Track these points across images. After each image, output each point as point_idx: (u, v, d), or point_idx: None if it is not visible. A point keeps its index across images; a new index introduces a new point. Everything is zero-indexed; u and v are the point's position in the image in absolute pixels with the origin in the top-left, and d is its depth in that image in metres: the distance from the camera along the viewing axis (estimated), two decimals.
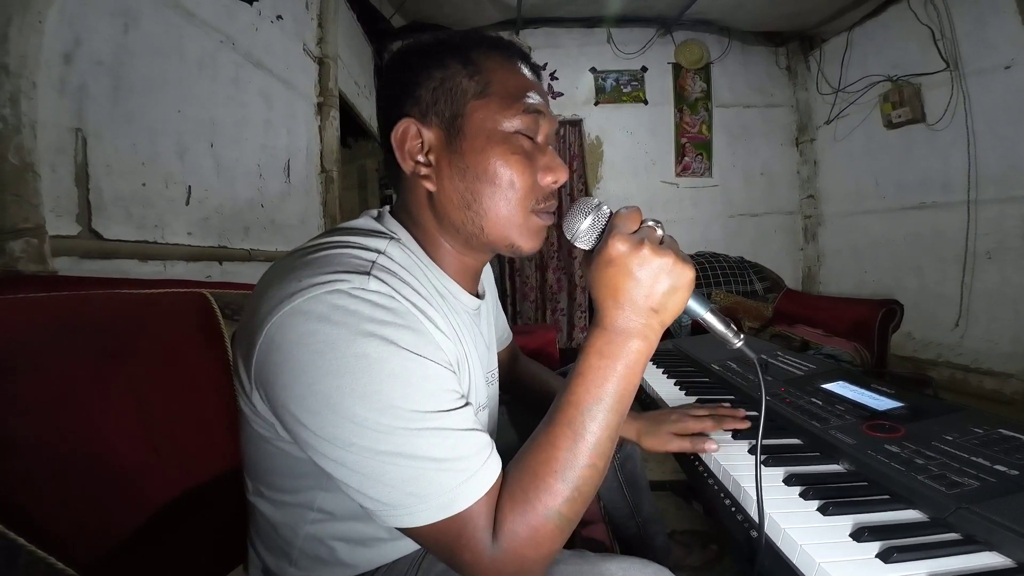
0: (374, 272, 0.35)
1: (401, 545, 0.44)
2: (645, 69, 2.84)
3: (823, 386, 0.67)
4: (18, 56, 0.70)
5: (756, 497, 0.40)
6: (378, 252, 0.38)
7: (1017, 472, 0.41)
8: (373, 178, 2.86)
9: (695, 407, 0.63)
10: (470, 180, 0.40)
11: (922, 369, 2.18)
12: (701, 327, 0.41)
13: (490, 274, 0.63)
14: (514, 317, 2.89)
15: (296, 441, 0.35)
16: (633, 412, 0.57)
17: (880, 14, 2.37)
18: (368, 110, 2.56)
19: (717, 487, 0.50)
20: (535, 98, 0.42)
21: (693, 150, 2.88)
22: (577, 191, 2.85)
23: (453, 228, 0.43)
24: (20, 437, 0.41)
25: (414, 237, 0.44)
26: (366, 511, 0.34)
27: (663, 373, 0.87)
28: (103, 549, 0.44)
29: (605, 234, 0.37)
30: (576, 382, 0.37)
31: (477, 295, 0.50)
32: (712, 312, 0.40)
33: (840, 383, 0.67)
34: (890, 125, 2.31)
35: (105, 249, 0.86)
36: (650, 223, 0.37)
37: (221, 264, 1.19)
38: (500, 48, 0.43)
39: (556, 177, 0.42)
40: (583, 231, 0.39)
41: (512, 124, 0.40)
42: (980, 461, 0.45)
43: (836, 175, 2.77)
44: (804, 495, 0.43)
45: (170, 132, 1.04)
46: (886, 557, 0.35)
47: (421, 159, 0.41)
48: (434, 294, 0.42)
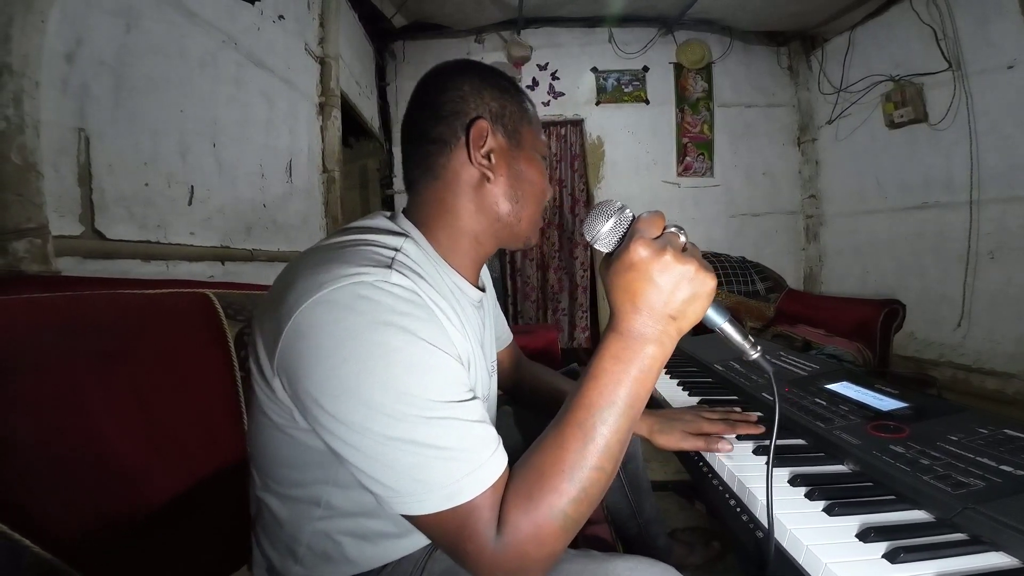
0: (395, 267, 0.38)
1: (406, 543, 0.44)
2: (646, 69, 2.84)
3: (827, 386, 0.67)
4: (20, 56, 0.70)
5: (766, 502, 0.40)
6: (396, 249, 0.41)
7: (1023, 472, 0.41)
8: (374, 178, 2.86)
9: (707, 410, 0.63)
10: (520, 181, 0.49)
11: (924, 369, 2.18)
12: (704, 327, 0.41)
13: (488, 274, 0.64)
14: (515, 317, 2.89)
15: (313, 426, 0.36)
16: (645, 409, 0.59)
17: (882, 14, 2.36)
18: (369, 110, 2.56)
19: (722, 488, 0.49)
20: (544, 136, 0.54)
21: (695, 150, 2.88)
22: (578, 191, 2.85)
23: (493, 215, 0.48)
24: (22, 437, 0.41)
25: (427, 234, 0.47)
26: (375, 497, 0.35)
27: (666, 373, 0.87)
28: (106, 549, 0.44)
29: (626, 238, 0.38)
30: (589, 384, 0.37)
31: (479, 287, 0.52)
32: (730, 322, 0.40)
33: (844, 383, 0.67)
34: (892, 125, 2.31)
35: (108, 249, 0.86)
36: (672, 229, 0.38)
37: (224, 264, 1.19)
38: (528, 95, 0.54)
39: (550, 195, 0.56)
40: (604, 233, 0.40)
41: (541, 149, 0.52)
42: (985, 461, 0.45)
43: (838, 175, 2.77)
44: (810, 495, 0.43)
45: (172, 132, 1.04)
46: (893, 557, 0.35)
47: (481, 155, 0.47)
48: (444, 291, 0.44)
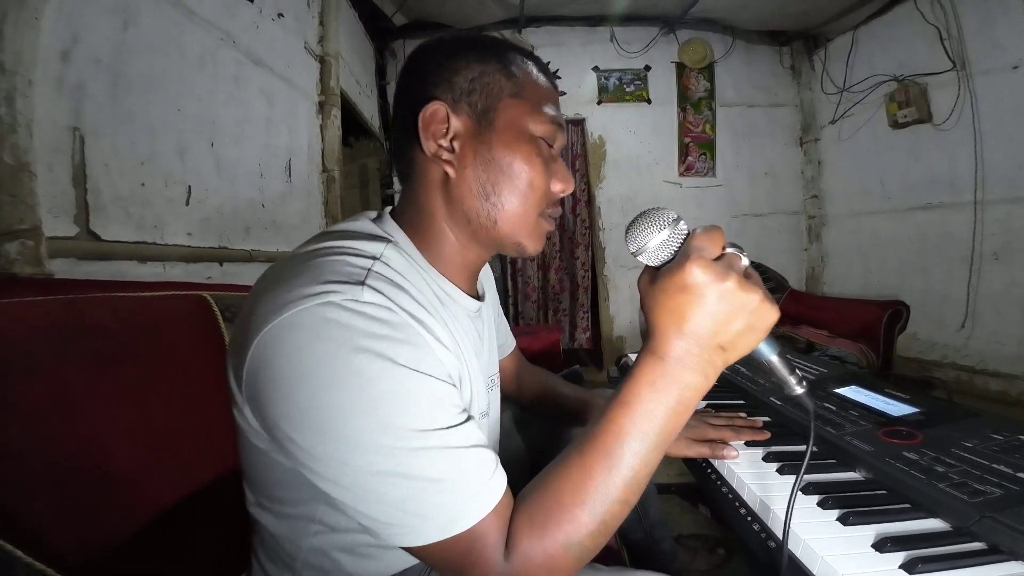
0: (369, 281, 0.34)
1: (407, 556, 0.43)
2: (648, 68, 2.82)
3: (836, 391, 0.65)
4: (14, 53, 0.69)
5: (784, 520, 0.38)
6: (374, 258, 0.37)
7: None
8: (374, 177, 2.85)
9: (712, 415, 0.62)
10: (493, 172, 0.41)
11: (927, 370, 2.16)
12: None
13: (491, 277, 0.62)
14: (516, 318, 2.87)
15: (289, 460, 0.34)
16: None
17: (886, 13, 2.35)
18: (369, 109, 2.55)
19: (731, 495, 0.48)
20: (556, 110, 0.44)
21: (696, 150, 2.86)
22: (579, 191, 2.84)
23: (464, 218, 0.42)
24: (14, 443, 0.40)
25: (413, 237, 0.43)
26: (366, 530, 0.33)
27: None
28: (101, 558, 0.43)
29: (680, 255, 0.33)
30: (620, 411, 0.34)
31: (476, 296, 0.48)
32: (780, 355, 0.36)
33: (853, 387, 0.66)
34: (896, 125, 2.30)
35: (103, 250, 0.84)
36: (731, 250, 0.34)
37: (222, 265, 1.18)
38: (535, 60, 0.45)
39: (565, 187, 0.44)
40: (654, 247, 0.35)
41: (538, 128, 0.42)
42: (1002, 468, 0.43)
43: (841, 175, 2.75)
44: (823, 504, 0.42)
45: (170, 131, 1.03)
46: (911, 568, 0.34)
47: (444, 143, 0.41)
48: (432, 300, 0.40)
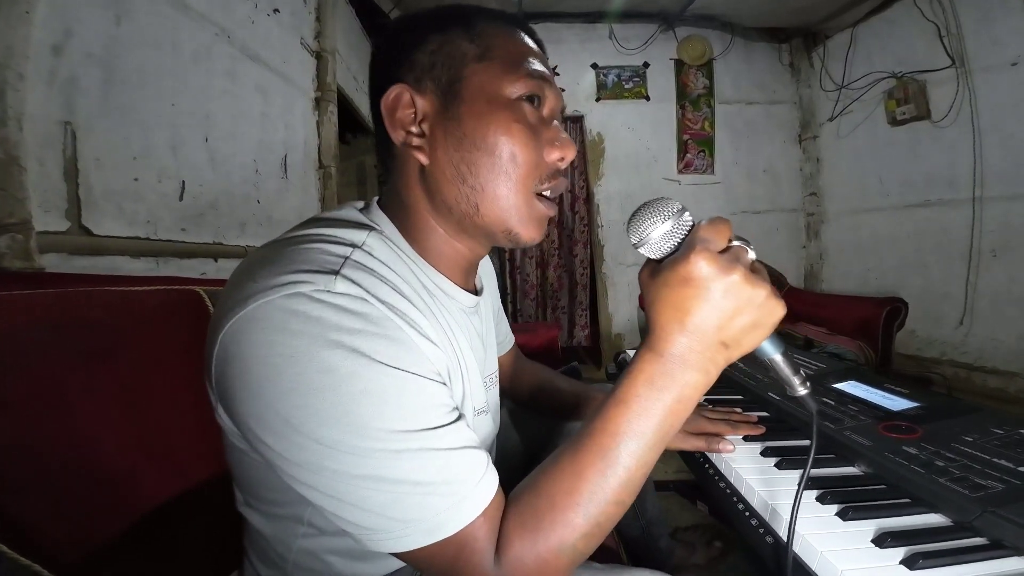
0: (344, 271, 0.31)
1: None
2: (647, 65, 2.81)
3: (835, 386, 0.65)
4: (4, 47, 0.68)
5: (789, 521, 0.37)
6: (354, 246, 0.34)
7: None
8: (372, 174, 2.83)
9: (707, 408, 0.61)
10: (466, 150, 0.36)
11: (925, 367, 2.16)
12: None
13: (491, 272, 0.60)
14: (514, 315, 2.87)
15: (264, 461, 0.32)
16: None
17: (885, 10, 2.34)
18: (367, 106, 2.53)
19: (729, 491, 0.48)
20: (539, 65, 0.38)
21: (695, 147, 2.86)
22: (578, 188, 2.83)
23: (446, 207, 0.38)
24: (2, 439, 0.39)
25: (401, 228, 0.40)
26: (349, 534, 0.31)
27: None
28: (92, 555, 0.42)
29: (684, 246, 0.31)
30: (616, 410, 0.32)
31: (474, 291, 0.46)
32: (784, 354, 0.35)
33: (852, 382, 0.66)
34: (895, 122, 2.29)
35: (95, 245, 0.83)
36: (738, 243, 0.32)
37: (216, 261, 1.17)
38: (503, 17, 0.40)
39: (563, 153, 0.38)
40: (656, 239, 0.33)
41: (515, 89, 0.36)
42: (1003, 463, 0.43)
43: (839, 172, 2.75)
44: (821, 499, 0.42)
45: (163, 126, 1.02)
46: (911, 564, 0.34)
47: (414, 129, 0.37)
48: (421, 292, 0.37)
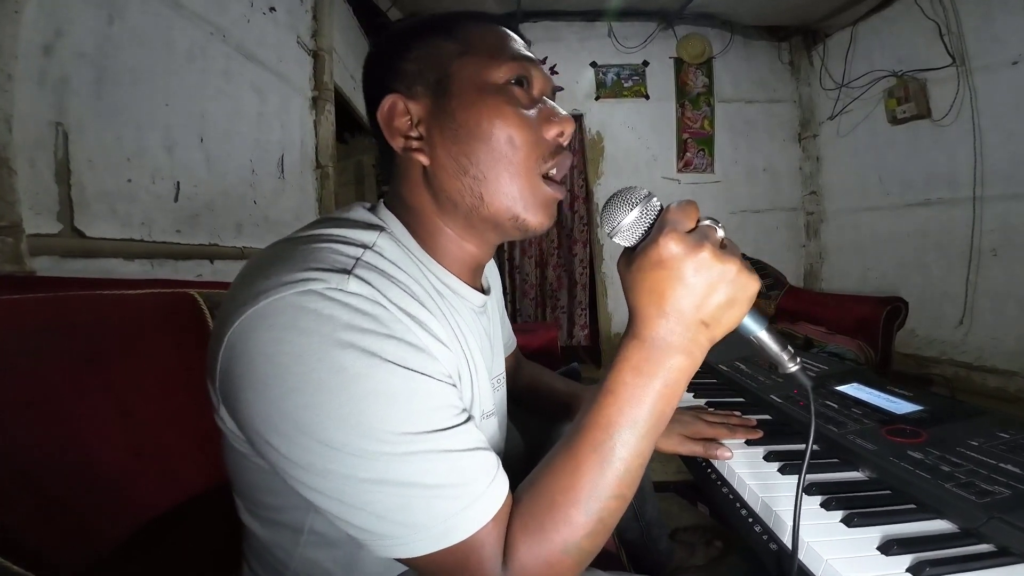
0: (356, 271, 0.31)
1: (400, 567, 0.41)
2: (646, 63, 2.80)
3: (837, 388, 0.64)
4: None
5: (792, 524, 0.37)
6: (365, 247, 0.34)
7: None
8: (370, 173, 2.82)
9: (707, 412, 0.60)
10: (464, 141, 0.36)
11: (926, 367, 2.16)
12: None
13: (496, 272, 0.60)
14: (514, 315, 2.86)
15: (268, 465, 0.31)
16: None
17: (885, 8, 2.33)
18: (364, 105, 2.52)
19: (732, 496, 0.47)
20: (521, 49, 0.39)
21: (695, 146, 2.85)
22: (577, 187, 2.82)
23: (452, 204, 0.38)
24: None
25: (409, 229, 0.40)
26: (354, 539, 0.31)
27: None
28: (85, 560, 0.41)
29: (654, 230, 0.32)
30: (606, 400, 0.32)
31: (482, 290, 0.45)
32: (768, 330, 0.35)
33: (854, 385, 0.65)
34: (895, 121, 2.28)
35: (88, 248, 0.83)
36: (708, 222, 0.32)
37: (212, 263, 1.16)
38: (482, 17, 0.41)
39: (562, 127, 0.38)
40: (626, 225, 0.34)
41: (501, 73, 0.37)
42: (1009, 468, 0.42)
43: (839, 171, 2.74)
44: (826, 505, 0.41)
45: (157, 126, 1.01)
46: (918, 571, 0.33)
47: (412, 134, 0.38)
48: (431, 293, 0.37)
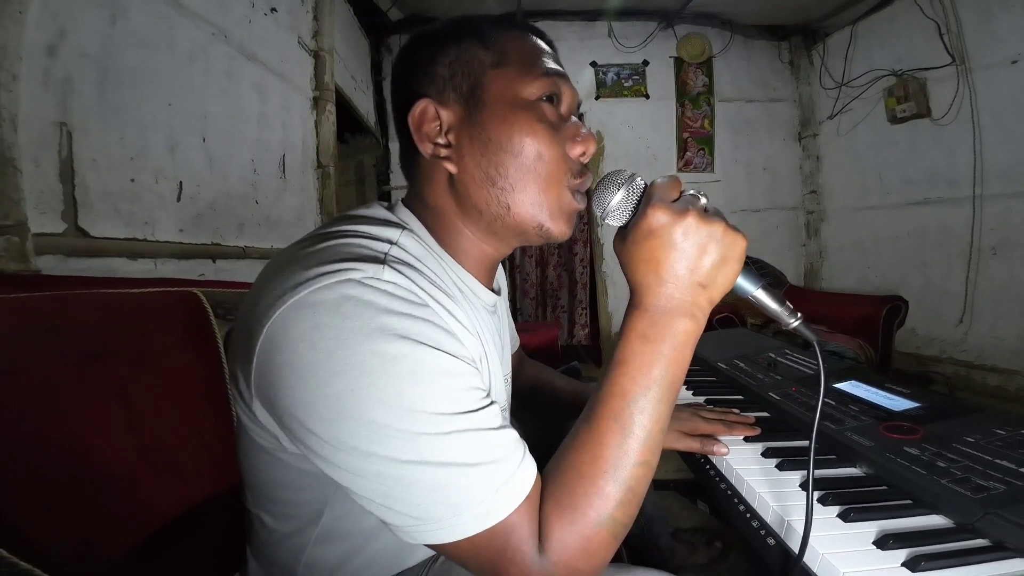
0: (389, 262, 0.32)
1: (409, 561, 0.42)
2: (647, 63, 2.81)
3: (835, 385, 0.65)
4: None
5: (805, 522, 0.36)
6: (391, 243, 0.35)
7: None
8: (371, 173, 2.83)
9: (705, 408, 0.61)
10: (493, 153, 0.38)
11: (926, 365, 2.17)
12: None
13: (502, 273, 0.61)
14: (515, 314, 2.87)
15: (306, 453, 0.32)
16: None
17: (885, 8, 2.34)
18: (365, 105, 2.52)
19: (730, 492, 0.48)
20: (553, 63, 0.40)
21: (695, 145, 2.85)
22: None
23: (476, 211, 0.39)
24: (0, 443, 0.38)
25: (428, 227, 0.41)
26: (390, 527, 0.31)
27: None
28: (90, 558, 0.42)
29: (642, 205, 0.34)
30: (619, 371, 0.33)
31: (493, 290, 0.46)
32: (764, 288, 0.36)
33: (852, 382, 0.65)
34: (895, 120, 2.29)
35: (92, 247, 0.83)
36: (691, 192, 0.34)
37: (215, 262, 1.17)
38: (512, 23, 0.42)
39: (585, 148, 0.40)
40: (615, 205, 0.36)
41: (533, 89, 0.38)
42: (1005, 464, 0.43)
43: (839, 170, 2.75)
44: (823, 501, 0.42)
45: (160, 126, 1.02)
46: (913, 566, 0.34)
47: (441, 140, 0.39)
48: (452, 288, 0.39)
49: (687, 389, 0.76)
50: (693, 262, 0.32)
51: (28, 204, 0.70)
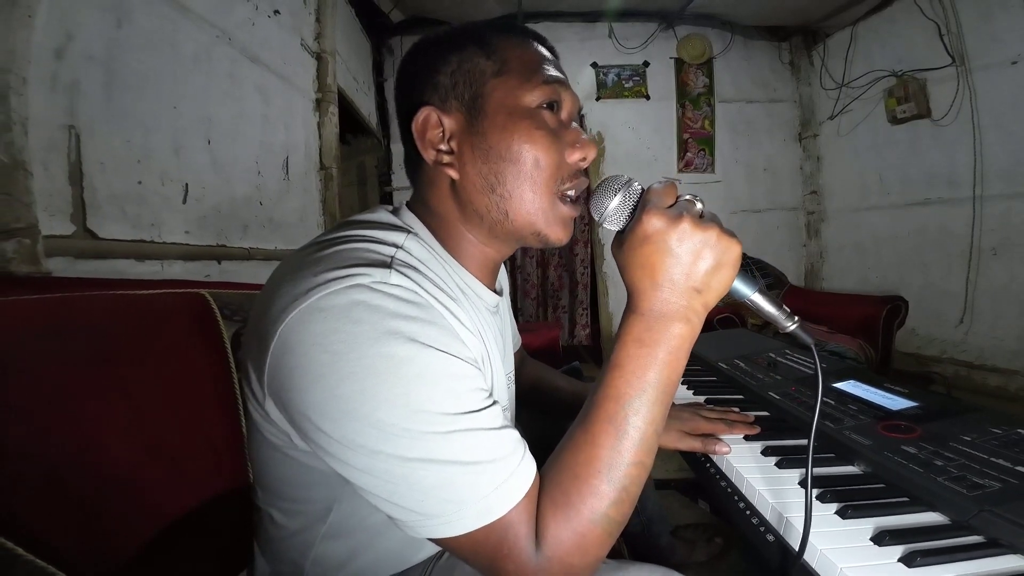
0: (395, 266, 0.34)
1: (415, 557, 0.43)
2: (647, 64, 2.81)
3: (835, 385, 0.65)
4: (6, 51, 0.68)
5: (804, 517, 0.37)
6: (396, 247, 0.36)
7: None
8: (373, 175, 2.84)
9: (705, 408, 0.62)
10: (493, 161, 0.39)
11: (926, 366, 2.17)
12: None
13: (505, 275, 0.62)
14: (516, 315, 2.87)
15: (316, 450, 0.33)
16: None
17: (885, 8, 2.34)
18: (367, 106, 2.53)
19: (731, 489, 0.48)
20: (553, 70, 0.41)
21: (696, 146, 2.86)
22: None
23: (477, 216, 0.41)
24: (11, 443, 0.39)
25: (432, 231, 0.42)
26: (395, 522, 0.32)
27: None
28: (99, 557, 0.43)
29: (638, 210, 0.35)
30: (614, 374, 0.34)
31: (495, 291, 0.48)
32: (760, 292, 0.37)
33: (851, 382, 0.66)
34: (895, 120, 2.29)
35: (100, 249, 0.84)
36: (687, 197, 0.35)
37: (220, 263, 1.17)
38: (514, 30, 0.42)
39: (584, 153, 0.41)
40: (612, 210, 0.37)
41: (533, 97, 0.39)
42: (1001, 462, 0.44)
43: (840, 171, 2.75)
44: (821, 498, 0.42)
45: (165, 129, 1.03)
46: (909, 562, 0.34)
47: (443, 147, 0.40)
48: (455, 290, 0.40)
49: (687, 389, 0.77)
50: (688, 267, 0.33)
51: (38, 207, 0.70)
